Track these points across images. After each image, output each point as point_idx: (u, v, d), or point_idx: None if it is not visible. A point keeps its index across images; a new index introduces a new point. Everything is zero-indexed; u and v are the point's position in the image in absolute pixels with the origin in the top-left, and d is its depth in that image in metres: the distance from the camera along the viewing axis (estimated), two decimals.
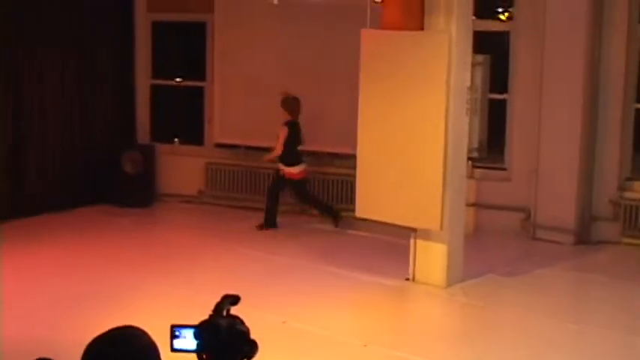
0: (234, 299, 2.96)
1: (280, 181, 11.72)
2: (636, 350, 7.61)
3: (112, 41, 13.16)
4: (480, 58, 9.42)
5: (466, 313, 8.68)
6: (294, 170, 11.60)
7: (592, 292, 9.70)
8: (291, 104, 11.52)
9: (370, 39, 9.37)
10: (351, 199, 10.50)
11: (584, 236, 11.23)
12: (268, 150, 11.81)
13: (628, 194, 11.01)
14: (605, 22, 11.15)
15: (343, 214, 11.73)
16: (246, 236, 11.26)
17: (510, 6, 12.01)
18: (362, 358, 7.22)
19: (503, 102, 11.91)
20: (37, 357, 3.00)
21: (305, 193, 11.98)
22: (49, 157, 12.36)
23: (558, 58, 11.20)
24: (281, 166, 11.63)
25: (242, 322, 2.93)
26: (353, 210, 9.83)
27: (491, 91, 9.87)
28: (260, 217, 11.70)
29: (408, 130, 9.00)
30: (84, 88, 12.79)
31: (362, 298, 8.97)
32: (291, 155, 11.54)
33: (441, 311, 8.86)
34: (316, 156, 12.48)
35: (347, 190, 12.14)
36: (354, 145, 9.57)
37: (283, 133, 11.47)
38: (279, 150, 11.49)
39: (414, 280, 9.36)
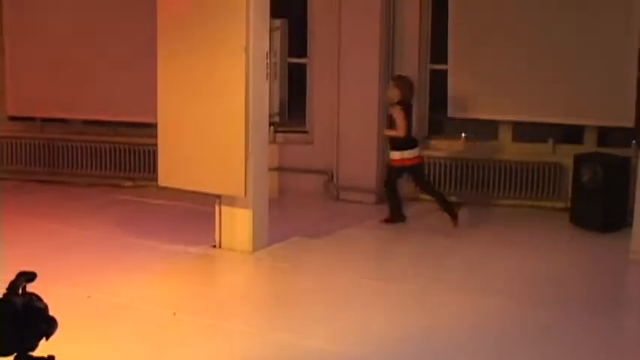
0: (29, 276, 2.87)
1: (393, 171, 10.61)
2: (434, 302, 7.88)
3: None
4: (277, 22, 9.43)
5: (273, 276, 8.76)
6: (409, 155, 10.40)
7: (395, 248, 9.98)
8: (406, 84, 10.43)
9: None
10: (153, 168, 10.37)
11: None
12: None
13: (425, 152, 11.37)
14: None
15: (146, 184, 11.56)
16: (47, 210, 10.94)
17: None
18: (171, 327, 7.17)
19: (302, 66, 12.03)
20: None
21: (427, 181, 11.03)
22: None
23: (355, 21, 11.41)
24: (394, 153, 10.45)
25: (39, 299, 2.85)
26: (155, 180, 9.70)
27: (290, 55, 9.93)
28: (60, 191, 11.38)
29: (209, 96, 8.93)
30: None
31: (169, 267, 8.87)
32: (409, 139, 10.43)
33: (247, 276, 8.90)
34: (113, 125, 12.27)
35: (149, 159, 11.98)
36: (155, 114, 9.42)
37: (400, 113, 10.28)
38: (401, 132, 10.24)
39: (220, 246, 9.36)
